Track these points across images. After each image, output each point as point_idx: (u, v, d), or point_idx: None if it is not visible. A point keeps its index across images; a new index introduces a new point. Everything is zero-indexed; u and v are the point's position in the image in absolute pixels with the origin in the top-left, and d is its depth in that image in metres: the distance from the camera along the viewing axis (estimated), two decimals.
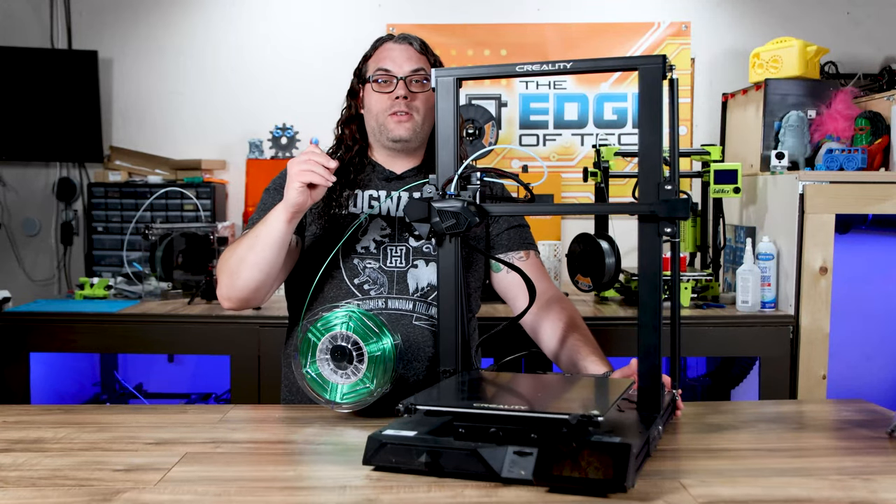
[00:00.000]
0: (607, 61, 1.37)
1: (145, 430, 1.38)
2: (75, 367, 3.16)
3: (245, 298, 1.62)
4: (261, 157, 3.39)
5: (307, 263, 1.69)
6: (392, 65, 1.69)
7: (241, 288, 1.60)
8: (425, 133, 1.74)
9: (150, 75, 3.52)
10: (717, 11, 3.48)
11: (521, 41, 3.46)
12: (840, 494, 1.07)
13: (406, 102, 1.68)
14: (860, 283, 2.80)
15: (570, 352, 1.60)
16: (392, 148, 1.74)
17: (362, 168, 1.76)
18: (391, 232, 1.70)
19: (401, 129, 1.69)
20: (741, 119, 3.18)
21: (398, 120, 1.69)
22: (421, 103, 1.70)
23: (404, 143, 1.72)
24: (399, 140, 1.71)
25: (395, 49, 1.72)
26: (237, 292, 1.61)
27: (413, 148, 1.75)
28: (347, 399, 1.38)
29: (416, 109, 1.70)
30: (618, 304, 2.83)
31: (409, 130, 1.70)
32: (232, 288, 1.61)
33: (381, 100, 1.70)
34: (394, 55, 1.71)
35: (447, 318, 1.42)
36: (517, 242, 1.78)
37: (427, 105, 1.71)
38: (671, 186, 1.25)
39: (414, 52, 1.72)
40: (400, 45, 1.72)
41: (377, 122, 1.72)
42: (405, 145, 1.73)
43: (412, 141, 1.72)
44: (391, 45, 1.73)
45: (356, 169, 1.75)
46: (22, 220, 3.56)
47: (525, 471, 1.07)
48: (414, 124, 1.70)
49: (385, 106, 1.69)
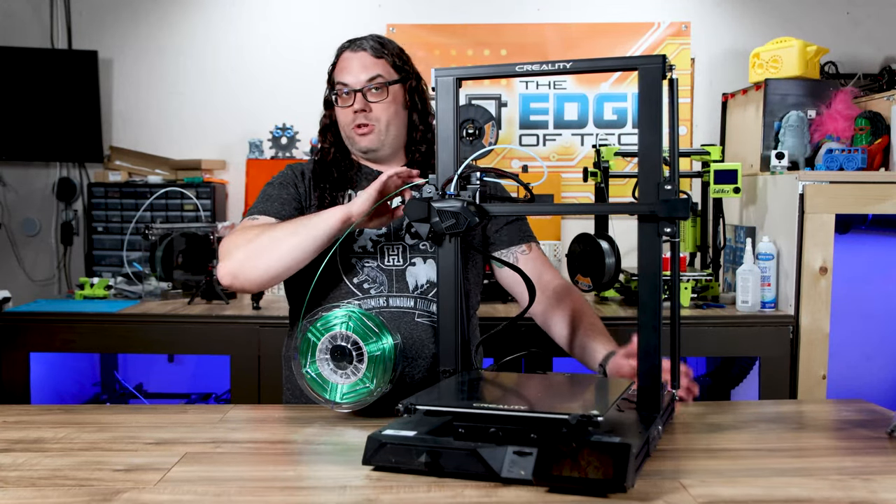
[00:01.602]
0: (607, 61, 1.37)
1: (145, 430, 1.38)
2: (75, 367, 3.16)
3: (257, 280, 1.54)
4: (261, 157, 3.39)
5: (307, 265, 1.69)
6: (349, 76, 1.70)
7: (262, 268, 1.52)
8: (393, 137, 1.75)
9: (150, 75, 3.52)
10: (717, 11, 3.48)
11: (521, 41, 3.46)
12: (840, 494, 1.07)
13: (365, 115, 1.70)
14: (860, 283, 2.80)
15: (581, 341, 1.65)
16: (366, 157, 1.77)
17: (351, 167, 1.77)
18: (387, 231, 1.70)
19: (364, 141, 1.72)
20: (741, 119, 3.18)
21: (361, 133, 1.71)
22: (381, 111, 1.71)
23: (373, 152, 1.74)
24: (367, 150, 1.74)
25: (352, 59, 1.72)
26: (254, 272, 1.52)
27: (387, 154, 1.76)
28: (347, 399, 1.38)
29: (375, 119, 1.71)
30: (618, 304, 2.83)
31: (372, 141, 1.72)
32: (247, 266, 1.52)
33: (344, 114, 1.73)
34: (351, 66, 1.71)
35: (447, 318, 1.42)
36: (517, 236, 1.79)
37: (388, 111, 1.72)
38: (671, 186, 1.25)
39: (369, 59, 1.71)
40: (355, 54, 1.72)
41: (345, 133, 1.75)
42: (375, 154, 1.75)
43: (380, 150, 1.74)
44: (347, 54, 1.73)
45: (345, 169, 1.76)
46: (22, 220, 3.56)
47: (525, 471, 1.07)
48: (377, 134, 1.72)
49: (348, 119, 1.72)
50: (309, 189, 1.75)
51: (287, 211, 1.68)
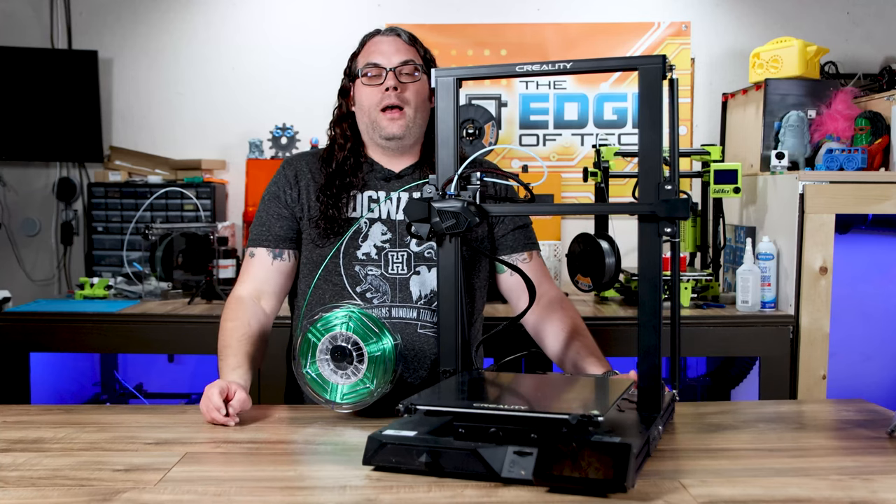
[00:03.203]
0: (607, 61, 1.37)
1: (145, 430, 1.38)
2: (75, 367, 3.16)
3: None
4: (261, 157, 3.39)
5: (309, 271, 1.69)
6: (381, 58, 1.67)
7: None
8: (419, 127, 1.71)
9: (150, 75, 3.52)
10: (717, 11, 3.48)
11: (521, 41, 3.46)
12: (840, 494, 1.07)
13: (397, 94, 1.65)
14: (860, 283, 2.80)
15: (573, 358, 1.62)
16: (386, 146, 1.71)
17: (359, 167, 1.72)
18: (392, 237, 1.67)
19: (393, 127, 1.66)
20: (741, 119, 3.18)
21: (390, 117, 1.66)
22: (412, 94, 1.67)
23: (398, 140, 1.68)
24: (392, 138, 1.67)
25: (384, 42, 1.69)
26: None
27: (408, 145, 1.72)
28: (347, 399, 1.38)
29: (406, 102, 1.66)
30: (618, 304, 2.83)
31: (401, 127, 1.66)
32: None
33: (372, 94, 1.67)
34: (382, 48, 1.68)
35: (447, 319, 1.42)
36: (521, 244, 1.77)
37: (419, 97, 1.68)
38: (671, 186, 1.25)
39: (402, 44, 1.69)
40: (388, 38, 1.70)
41: (369, 118, 1.68)
42: (399, 143, 1.69)
43: (406, 138, 1.69)
44: (379, 38, 1.71)
45: (352, 168, 1.71)
46: (22, 220, 3.56)
47: (525, 471, 1.07)
48: (406, 120, 1.67)
49: (376, 100, 1.66)
50: (305, 190, 1.71)
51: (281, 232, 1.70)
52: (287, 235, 1.71)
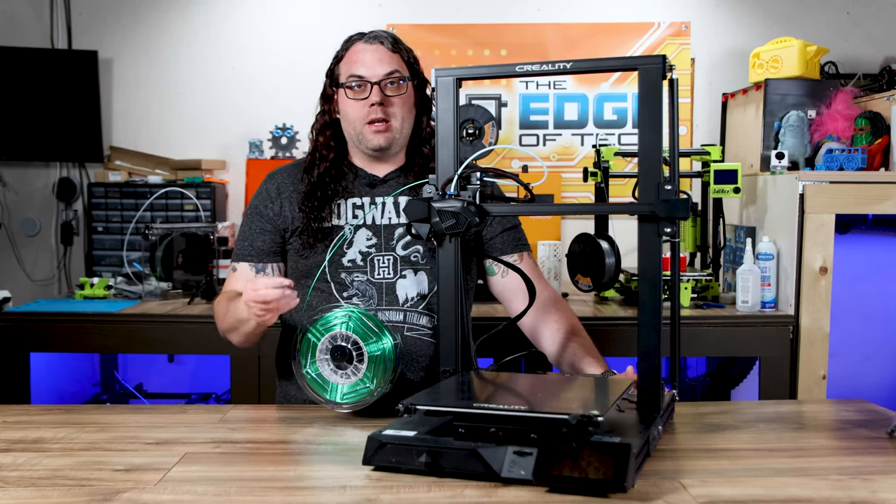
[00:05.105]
0: (607, 61, 1.37)
1: (145, 430, 1.38)
2: (75, 367, 3.16)
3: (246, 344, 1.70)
4: (261, 158, 3.39)
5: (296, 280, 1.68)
6: (365, 70, 1.64)
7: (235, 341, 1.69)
8: (405, 136, 1.71)
9: (150, 75, 3.52)
10: (717, 11, 3.48)
11: (521, 41, 3.46)
12: (840, 494, 1.07)
13: (382, 109, 1.64)
14: (860, 283, 2.80)
15: (571, 358, 1.61)
16: (372, 155, 1.71)
17: (342, 175, 1.72)
18: (377, 241, 1.68)
19: (379, 139, 1.66)
20: (741, 119, 3.18)
21: (376, 129, 1.65)
22: (398, 107, 1.66)
23: (384, 150, 1.69)
24: (378, 149, 1.68)
25: (367, 51, 1.66)
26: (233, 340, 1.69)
27: (394, 153, 1.73)
28: (347, 399, 1.39)
29: (393, 115, 1.66)
30: (618, 304, 2.83)
31: (388, 139, 1.67)
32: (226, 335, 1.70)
33: (357, 107, 1.65)
34: (366, 58, 1.65)
35: (447, 319, 1.42)
36: (511, 245, 1.76)
37: (404, 108, 1.68)
38: (671, 186, 1.25)
39: (386, 53, 1.66)
40: (371, 46, 1.67)
41: (354, 130, 1.68)
42: (385, 152, 1.70)
43: (392, 148, 1.69)
44: (362, 45, 1.67)
45: (335, 177, 1.70)
46: (22, 220, 3.56)
47: (525, 471, 1.07)
48: (392, 132, 1.67)
49: (361, 114, 1.65)
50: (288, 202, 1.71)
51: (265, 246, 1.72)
52: (270, 249, 1.72)
